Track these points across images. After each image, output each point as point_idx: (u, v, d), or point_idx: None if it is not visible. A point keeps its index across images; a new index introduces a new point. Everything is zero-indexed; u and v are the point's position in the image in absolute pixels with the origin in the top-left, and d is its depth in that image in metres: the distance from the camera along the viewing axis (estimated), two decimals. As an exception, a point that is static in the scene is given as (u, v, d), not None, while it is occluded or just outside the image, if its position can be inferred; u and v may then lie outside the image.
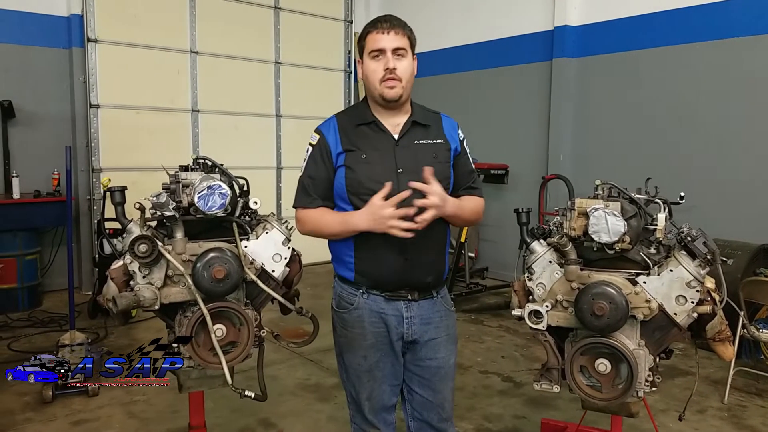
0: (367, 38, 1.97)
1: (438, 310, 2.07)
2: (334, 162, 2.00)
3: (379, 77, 1.94)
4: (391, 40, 1.94)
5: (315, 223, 1.99)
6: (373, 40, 1.95)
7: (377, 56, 1.95)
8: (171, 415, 3.44)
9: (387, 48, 1.93)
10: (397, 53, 1.95)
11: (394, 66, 1.93)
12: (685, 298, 1.98)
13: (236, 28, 7.34)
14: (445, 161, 2.04)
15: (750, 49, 5.04)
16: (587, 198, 2.11)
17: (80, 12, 6.23)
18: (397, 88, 1.95)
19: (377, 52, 1.94)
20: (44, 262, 5.99)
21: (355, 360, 2.06)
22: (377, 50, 1.94)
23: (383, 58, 1.94)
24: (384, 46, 1.93)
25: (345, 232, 1.95)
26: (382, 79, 1.94)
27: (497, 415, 3.54)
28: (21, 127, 6.02)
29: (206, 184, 2.08)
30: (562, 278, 2.08)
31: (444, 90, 7.49)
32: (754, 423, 3.47)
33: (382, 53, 1.94)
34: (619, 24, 5.94)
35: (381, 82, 1.94)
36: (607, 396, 2.06)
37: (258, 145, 7.68)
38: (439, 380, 2.08)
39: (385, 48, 1.93)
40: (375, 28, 1.96)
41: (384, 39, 1.93)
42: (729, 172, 5.20)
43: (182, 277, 2.04)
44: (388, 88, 1.94)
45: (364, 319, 2.01)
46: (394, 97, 1.95)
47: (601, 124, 6.16)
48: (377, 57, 1.95)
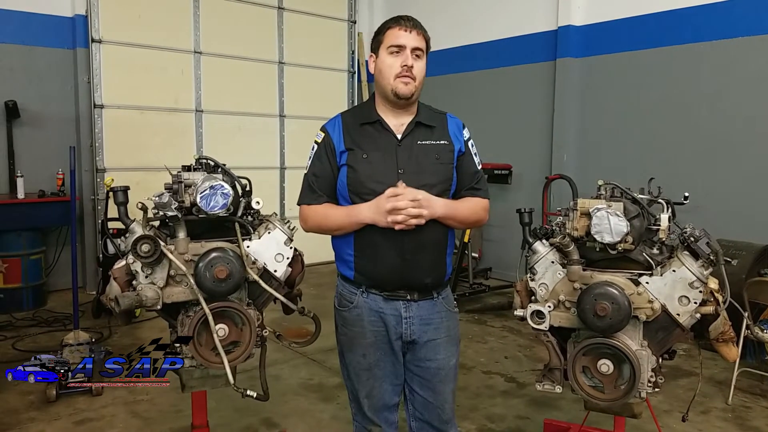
0: (388, 33, 1.98)
1: (438, 311, 2.07)
2: (338, 160, 2.01)
3: (395, 72, 1.95)
4: (413, 38, 1.96)
5: (320, 218, 2.01)
6: (395, 36, 1.96)
7: (396, 52, 1.95)
8: (174, 415, 3.45)
9: (408, 45, 1.95)
10: (416, 53, 1.97)
11: (412, 64, 1.95)
12: (688, 299, 1.97)
13: (240, 28, 7.36)
14: (448, 162, 2.03)
15: (754, 49, 5.02)
16: (590, 198, 2.10)
17: (84, 12, 6.25)
18: (411, 86, 1.96)
19: (396, 48, 1.95)
20: (49, 261, 6.01)
21: (355, 358, 2.07)
22: (397, 46, 1.95)
23: (402, 54, 1.95)
24: (405, 43, 1.95)
25: (350, 225, 1.96)
26: (398, 75, 1.95)
27: (500, 416, 3.53)
28: (25, 128, 6.04)
29: (208, 184, 2.08)
30: (565, 278, 2.07)
31: (448, 90, 7.48)
32: (759, 424, 3.45)
33: (401, 50, 1.95)
34: (622, 24, 5.92)
35: (396, 77, 1.95)
36: (610, 397, 2.06)
37: (261, 146, 7.69)
38: (439, 381, 2.08)
39: (406, 45, 1.95)
40: (398, 25, 1.97)
41: (406, 36, 1.95)
42: (734, 172, 5.18)
43: (184, 277, 2.04)
44: (403, 84, 1.95)
45: (364, 317, 2.03)
46: (408, 94, 1.96)
47: (604, 124, 6.15)
48: (396, 53, 1.95)
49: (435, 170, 1.99)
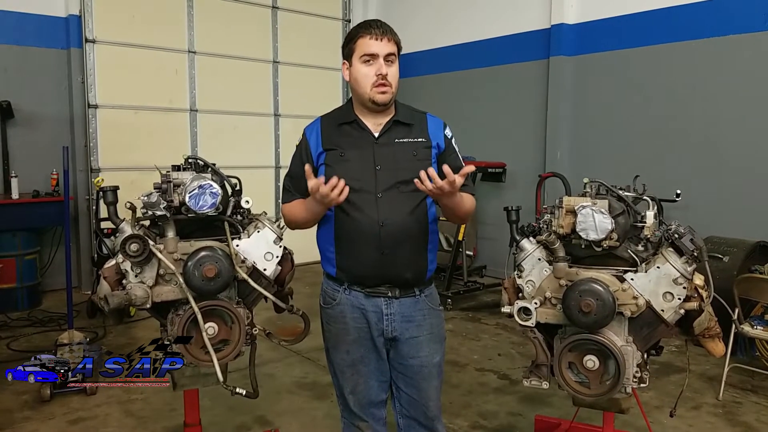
0: (359, 42, 1.99)
1: (421, 308, 2.09)
2: (315, 161, 2.04)
3: (371, 82, 1.97)
4: (384, 46, 1.97)
5: (289, 213, 2.09)
6: (366, 45, 1.97)
7: (369, 61, 1.97)
8: (168, 414, 3.46)
9: (380, 54, 1.96)
10: (388, 59, 1.98)
11: (386, 72, 1.96)
12: (672, 295, 1.99)
13: (234, 27, 7.36)
14: (425, 159, 2.06)
15: (747, 47, 5.05)
16: (576, 196, 2.12)
17: (78, 12, 6.25)
18: (388, 93, 1.99)
19: (369, 57, 1.96)
20: (43, 261, 6.02)
21: (339, 355, 2.11)
22: (370, 55, 1.96)
23: (375, 63, 1.96)
24: (377, 52, 1.96)
25: (310, 214, 1.99)
26: (374, 84, 1.97)
27: (492, 412, 3.56)
28: (20, 128, 6.05)
29: (197, 183, 2.09)
30: (551, 275, 2.09)
31: (442, 88, 7.50)
32: (749, 419, 3.48)
33: (374, 58, 1.96)
34: (615, 22, 5.94)
35: (373, 87, 1.97)
36: (595, 392, 2.07)
37: (256, 145, 7.70)
38: (422, 379, 2.10)
39: (378, 54, 1.96)
40: (368, 33, 1.97)
41: (377, 45, 1.96)
42: (726, 169, 5.21)
43: (174, 276, 2.04)
44: (380, 93, 1.97)
45: (346, 314, 2.06)
46: (386, 101, 1.99)
47: (598, 121, 6.17)
48: (369, 62, 1.97)
49: (412, 167, 1.99)
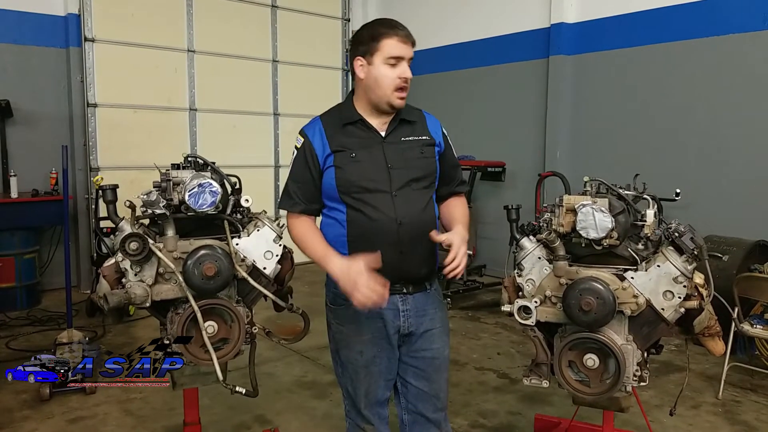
0: (385, 42, 1.93)
1: (432, 302, 2.11)
2: (322, 164, 2.00)
3: (393, 84, 1.94)
4: (410, 50, 1.96)
5: (299, 239, 2.01)
6: (395, 47, 1.93)
7: (394, 64, 1.94)
8: (167, 413, 3.46)
9: (406, 57, 1.95)
10: (409, 63, 1.98)
11: (411, 76, 1.97)
12: (672, 294, 1.99)
13: (234, 26, 7.36)
14: (430, 156, 2.07)
15: (747, 46, 5.04)
16: (576, 194, 2.12)
17: (77, 11, 6.24)
18: (405, 98, 1.99)
19: (395, 60, 1.93)
20: (43, 260, 6.01)
21: (352, 356, 2.07)
22: (396, 58, 1.93)
23: (399, 66, 1.94)
24: (404, 55, 1.94)
25: (316, 260, 1.95)
26: (396, 87, 1.94)
27: (492, 411, 3.55)
28: (19, 127, 6.04)
29: (197, 182, 2.09)
30: (551, 274, 2.09)
31: (441, 88, 7.48)
32: (748, 418, 3.48)
33: (399, 61, 1.94)
34: (615, 21, 5.94)
35: (394, 90, 1.95)
36: (595, 391, 2.07)
37: (256, 144, 7.69)
38: (434, 371, 2.11)
39: (405, 57, 1.95)
40: (395, 35, 1.93)
41: (405, 48, 1.94)
42: (726, 168, 5.20)
43: (173, 275, 2.04)
44: (400, 98, 1.97)
45: (361, 314, 1.99)
46: (403, 106, 2.00)
47: (597, 120, 6.17)
48: (394, 65, 1.94)
49: (421, 165, 2.02)
